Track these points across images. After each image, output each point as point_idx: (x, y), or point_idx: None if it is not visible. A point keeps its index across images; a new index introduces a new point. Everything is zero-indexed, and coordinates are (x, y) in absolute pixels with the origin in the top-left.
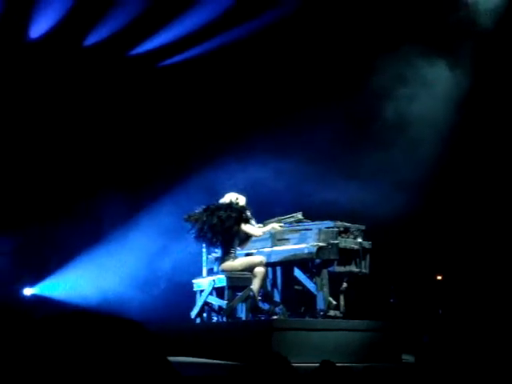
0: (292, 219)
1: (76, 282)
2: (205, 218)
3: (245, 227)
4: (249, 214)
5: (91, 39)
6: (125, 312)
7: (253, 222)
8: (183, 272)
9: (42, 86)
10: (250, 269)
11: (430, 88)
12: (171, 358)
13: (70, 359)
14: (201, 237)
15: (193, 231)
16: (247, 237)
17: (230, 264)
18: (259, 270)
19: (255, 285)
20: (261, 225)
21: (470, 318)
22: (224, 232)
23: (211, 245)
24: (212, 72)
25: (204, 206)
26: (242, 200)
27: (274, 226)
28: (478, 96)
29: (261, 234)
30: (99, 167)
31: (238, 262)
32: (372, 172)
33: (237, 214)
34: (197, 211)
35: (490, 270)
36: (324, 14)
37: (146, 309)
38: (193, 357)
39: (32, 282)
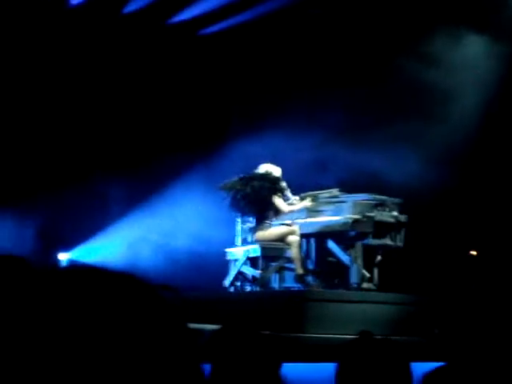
0: (328, 194)
1: (110, 248)
2: (239, 187)
3: (276, 200)
4: (284, 184)
5: (131, 6)
6: (160, 278)
7: (288, 193)
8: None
9: (82, 53)
10: (283, 239)
11: (470, 64)
12: (204, 326)
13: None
14: (234, 206)
15: (227, 200)
16: None
17: (263, 234)
18: (294, 239)
19: (294, 253)
20: (297, 197)
21: (503, 295)
22: (257, 202)
23: (244, 214)
24: (243, 43)
25: (240, 175)
26: (276, 171)
27: (305, 204)
28: None
29: (287, 211)
30: (138, 135)
31: (271, 231)
32: (410, 145)
33: (270, 185)
34: (232, 180)
35: None
36: None
37: (177, 276)
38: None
39: (67, 247)
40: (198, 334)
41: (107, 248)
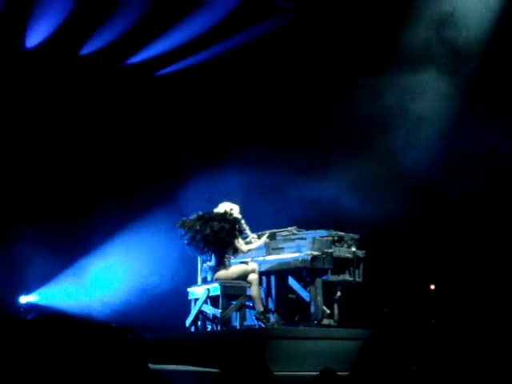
0: (286, 233)
1: (73, 290)
2: (198, 227)
3: (235, 241)
4: (243, 224)
5: (87, 48)
6: (121, 320)
7: (247, 231)
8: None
9: (38, 95)
10: (244, 277)
11: (422, 97)
12: (166, 366)
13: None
14: (193, 245)
15: (186, 238)
16: None
17: (223, 273)
18: (253, 277)
19: (254, 292)
20: (254, 235)
21: (463, 328)
22: (216, 243)
23: (202, 254)
24: (206, 81)
25: (199, 213)
26: (235, 210)
27: (263, 241)
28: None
29: (246, 251)
30: (94, 175)
31: (231, 270)
32: (368, 181)
33: (230, 226)
34: (191, 218)
35: (483, 279)
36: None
37: (142, 317)
38: (187, 365)
39: (28, 290)
40: (158, 375)
41: (67, 291)
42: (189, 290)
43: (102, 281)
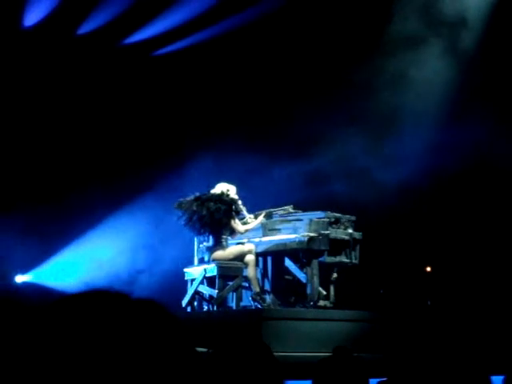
0: (283, 212)
1: (68, 270)
2: (195, 208)
3: (231, 221)
4: (240, 204)
5: (85, 28)
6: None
7: (244, 212)
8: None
9: (36, 74)
10: (241, 258)
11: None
12: None
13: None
14: (189, 226)
15: (182, 219)
16: None
17: (220, 253)
18: (250, 258)
19: (250, 273)
20: (251, 215)
21: (458, 310)
22: (212, 223)
23: (199, 234)
24: (204, 62)
25: (196, 194)
26: (232, 191)
27: (259, 221)
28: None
29: (243, 231)
30: (91, 155)
31: (228, 251)
32: (365, 164)
33: (226, 207)
34: (188, 199)
35: (479, 263)
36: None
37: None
38: None
39: (24, 269)
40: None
41: (64, 270)
42: (185, 270)
43: (96, 261)
